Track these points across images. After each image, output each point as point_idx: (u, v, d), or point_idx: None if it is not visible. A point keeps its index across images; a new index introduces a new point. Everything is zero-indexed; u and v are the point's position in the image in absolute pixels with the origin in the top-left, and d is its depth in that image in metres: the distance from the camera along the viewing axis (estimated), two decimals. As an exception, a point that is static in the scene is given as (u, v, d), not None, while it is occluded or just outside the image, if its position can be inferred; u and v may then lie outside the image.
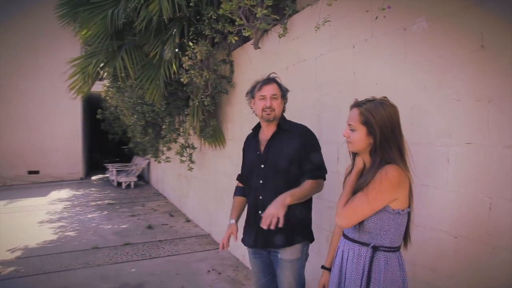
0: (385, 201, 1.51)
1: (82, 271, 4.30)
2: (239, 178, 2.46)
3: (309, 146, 2.17)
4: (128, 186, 10.80)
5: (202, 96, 4.43)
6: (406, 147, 1.59)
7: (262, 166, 2.17)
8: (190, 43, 3.96)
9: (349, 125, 1.60)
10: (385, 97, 1.61)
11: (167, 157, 6.59)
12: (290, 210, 1.97)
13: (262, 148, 2.21)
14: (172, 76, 4.36)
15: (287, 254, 2.16)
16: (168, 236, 5.70)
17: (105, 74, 4.76)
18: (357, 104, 1.60)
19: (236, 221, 2.27)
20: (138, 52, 4.61)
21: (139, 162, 11.56)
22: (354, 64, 2.47)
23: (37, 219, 6.93)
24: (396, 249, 1.58)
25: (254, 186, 2.21)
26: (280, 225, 1.83)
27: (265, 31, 3.55)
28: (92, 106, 13.26)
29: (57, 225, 6.50)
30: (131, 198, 9.17)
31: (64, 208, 8.03)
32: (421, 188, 1.95)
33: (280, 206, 1.88)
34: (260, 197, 2.15)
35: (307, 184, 2.07)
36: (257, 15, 3.07)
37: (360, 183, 1.58)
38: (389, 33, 2.15)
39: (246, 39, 4.00)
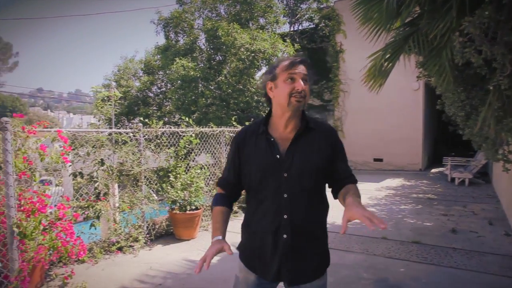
0: None
1: (356, 256, 4.52)
2: (222, 184, 1.83)
3: (341, 154, 1.74)
4: (462, 182, 9.83)
5: (500, 78, 3.49)
6: None
7: (285, 175, 1.63)
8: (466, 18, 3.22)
9: None
10: None
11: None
12: (321, 223, 1.73)
13: (283, 150, 1.66)
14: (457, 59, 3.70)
15: None
16: (467, 246, 4.87)
17: (389, 66, 4.63)
18: None
19: (223, 238, 1.63)
20: (424, 38, 4.22)
21: (479, 158, 10.22)
22: None
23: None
24: None
25: (273, 201, 1.65)
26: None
27: None
28: (438, 96, 12.96)
29: (369, 210, 6.97)
30: (455, 196, 8.33)
31: (386, 195, 8.44)
32: None
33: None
34: (285, 216, 1.62)
35: (355, 188, 1.66)
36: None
37: None
38: None
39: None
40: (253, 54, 11.12)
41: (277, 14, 13.34)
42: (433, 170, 13.01)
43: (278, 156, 1.64)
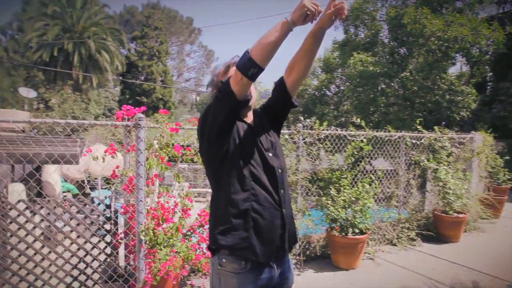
0: None
1: None
2: None
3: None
4: None
5: None
6: None
7: (271, 154, 1.77)
8: None
9: None
10: None
11: None
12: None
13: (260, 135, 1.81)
14: None
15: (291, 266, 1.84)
16: None
17: None
18: None
19: None
20: None
21: None
22: None
23: None
24: None
25: (274, 175, 1.71)
26: None
27: None
28: None
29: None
30: None
31: None
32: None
33: None
34: (282, 191, 1.72)
35: None
36: None
37: None
38: None
39: None
40: (446, 44, 9.12)
41: (482, -8, 10.72)
42: None
43: (257, 137, 1.78)
